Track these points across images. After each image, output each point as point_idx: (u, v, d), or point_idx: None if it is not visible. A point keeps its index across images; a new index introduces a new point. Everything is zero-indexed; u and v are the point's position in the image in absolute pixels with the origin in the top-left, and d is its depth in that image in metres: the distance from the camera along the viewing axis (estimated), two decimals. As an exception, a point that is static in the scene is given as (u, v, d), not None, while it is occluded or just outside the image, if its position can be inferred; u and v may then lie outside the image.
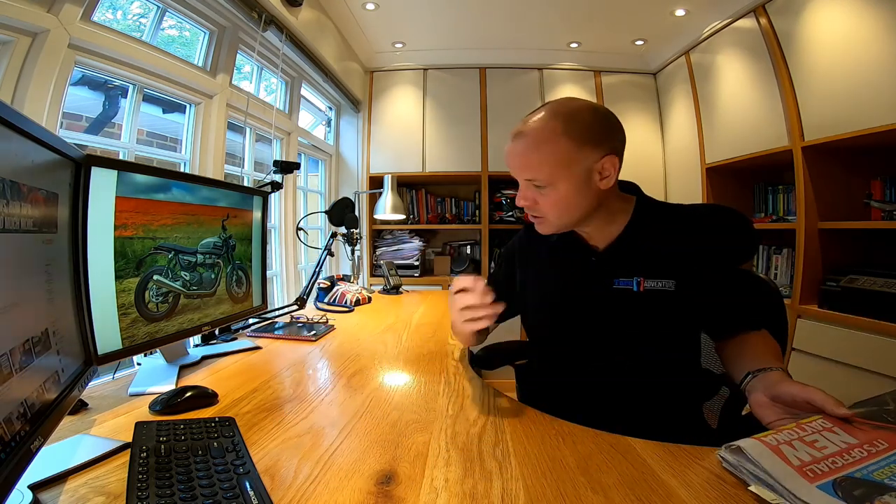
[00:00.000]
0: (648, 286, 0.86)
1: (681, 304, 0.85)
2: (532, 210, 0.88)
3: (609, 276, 0.89)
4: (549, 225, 0.89)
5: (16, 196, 0.50)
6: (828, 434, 0.58)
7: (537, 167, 0.82)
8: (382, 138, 3.39)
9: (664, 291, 0.85)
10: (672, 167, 3.26)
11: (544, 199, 0.85)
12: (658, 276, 0.86)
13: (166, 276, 0.98)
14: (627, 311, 0.88)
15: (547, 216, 0.87)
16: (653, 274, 0.86)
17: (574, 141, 0.80)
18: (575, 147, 0.80)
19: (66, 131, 1.47)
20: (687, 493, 0.55)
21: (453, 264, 3.47)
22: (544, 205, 0.86)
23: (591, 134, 0.81)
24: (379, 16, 2.81)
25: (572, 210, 0.85)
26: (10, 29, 1.17)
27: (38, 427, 0.51)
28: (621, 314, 0.88)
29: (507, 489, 0.57)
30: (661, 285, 0.85)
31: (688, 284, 0.85)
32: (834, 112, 1.92)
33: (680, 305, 0.85)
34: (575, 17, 2.82)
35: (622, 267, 0.88)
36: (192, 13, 1.83)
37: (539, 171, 0.82)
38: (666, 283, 0.85)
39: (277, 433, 0.73)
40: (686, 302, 0.85)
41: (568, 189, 0.82)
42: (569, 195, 0.83)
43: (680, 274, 0.85)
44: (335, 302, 2.02)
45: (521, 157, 0.83)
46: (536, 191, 0.85)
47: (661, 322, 0.86)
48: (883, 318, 1.70)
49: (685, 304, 0.85)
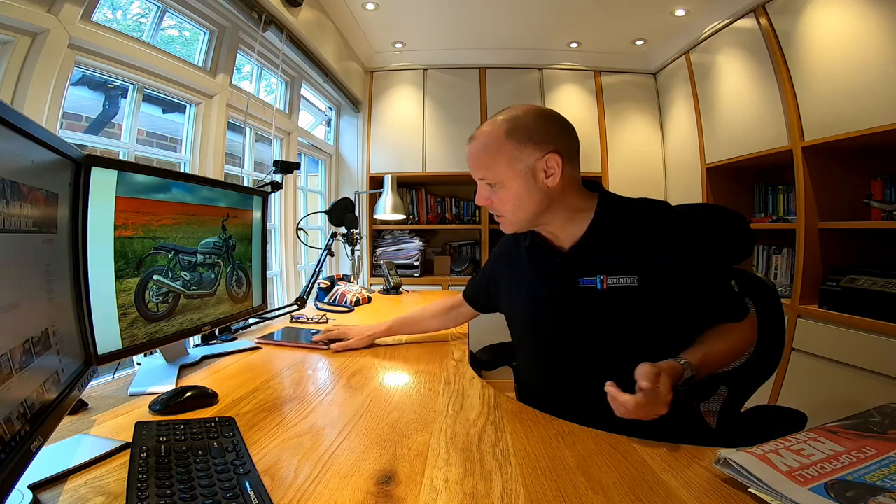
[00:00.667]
0: (611, 283, 0.87)
1: (644, 299, 0.86)
2: (490, 208, 0.94)
3: (574, 275, 0.91)
4: (507, 223, 0.94)
5: (16, 196, 0.50)
6: (813, 443, 0.59)
7: (487, 166, 0.89)
8: (382, 138, 3.39)
9: (627, 288, 0.87)
10: (672, 167, 3.26)
11: (497, 197, 0.91)
12: (620, 272, 0.87)
13: (166, 276, 0.98)
14: (593, 309, 0.89)
15: (504, 214, 0.93)
16: (615, 271, 0.88)
17: (516, 141, 0.87)
18: (516, 147, 0.87)
19: (66, 131, 1.47)
20: (687, 493, 0.55)
21: (453, 264, 3.47)
22: (498, 202, 0.92)
23: (531, 134, 0.87)
24: (379, 16, 2.81)
25: (525, 206, 0.90)
26: (10, 29, 1.17)
27: (38, 427, 0.51)
28: (588, 313, 0.90)
29: (507, 489, 0.57)
30: (624, 281, 0.87)
31: (650, 279, 0.86)
32: (834, 112, 1.92)
33: (643, 301, 0.86)
34: (575, 17, 2.82)
35: (586, 266, 0.90)
36: (192, 13, 1.83)
37: (488, 170, 0.89)
38: (628, 280, 0.87)
39: (277, 433, 0.73)
40: (649, 297, 0.86)
41: (516, 186, 0.88)
42: (518, 192, 0.88)
43: (642, 269, 0.86)
44: (335, 302, 2.02)
45: (473, 159, 0.91)
46: (490, 190, 0.91)
47: (627, 318, 0.87)
48: (883, 318, 1.70)
49: (649, 299, 0.86)
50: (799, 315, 2.06)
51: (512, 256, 1.09)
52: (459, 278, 3.32)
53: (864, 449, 0.56)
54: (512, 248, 1.10)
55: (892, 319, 1.67)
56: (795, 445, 0.58)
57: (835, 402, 1.84)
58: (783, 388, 2.08)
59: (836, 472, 0.53)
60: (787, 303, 2.09)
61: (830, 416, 0.68)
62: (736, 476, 0.56)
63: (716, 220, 1.11)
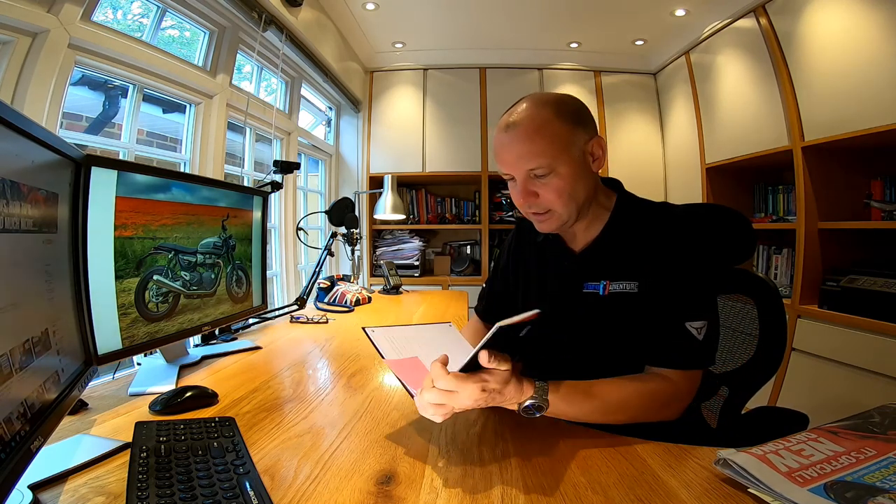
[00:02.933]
0: (613, 289, 0.84)
1: (642, 305, 0.81)
2: (534, 206, 0.83)
3: (580, 280, 0.88)
4: (555, 218, 0.84)
5: (16, 196, 0.50)
6: (813, 444, 0.59)
7: (539, 153, 0.79)
8: (382, 138, 3.39)
9: (627, 293, 0.83)
10: (672, 167, 3.26)
11: (546, 189, 0.81)
12: (622, 277, 0.84)
13: (166, 276, 0.98)
14: (594, 315, 0.86)
15: (553, 207, 0.82)
16: (617, 276, 0.84)
17: (567, 123, 0.80)
18: (569, 129, 0.80)
19: (66, 131, 1.47)
20: (687, 493, 0.55)
21: (453, 264, 3.47)
22: (547, 195, 0.81)
23: (578, 117, 0.82)
24: (379, 16, 2.81)
25: (578, 196, 0.82)
26: (10, 29, 1.17)
27: (38, 427, 0.51)
28: (589, 318, 0.87)
29: (507, 489, 0.57)
30: (624, 287, 0.83)
31: (650, 285, 0.81)
32: (834, 112, 1.92)
33: (641, 307, 0.81)
34: (575, 17, 2.82)
35: (592, 271, 0.87)
36: (192, 13, 1.83)
37: (541, 156, 0.79)
38: (629, 285, 0.83)
39: (277, 433, 0.73)
40: (647, 304, 0.81)
41: (569, 172, 0.80)
42: (571, 179, 0.80)
43: (643, 275, 0.82)
44: (335, 302, 2.02)
45: (522, 145, 0.79)
46: (537, 182, 0.81)
47: (625, 325, 0.83)
48: (883, 318, 1.70)
49: (646, 306, 0.81)
50: (799, 315, 2.06)
51: (518, 255, 1.05)
52: (459, 278, 3.32)
53: (864, 450, 0.56)
54: (518, 246, 1.06)
55: (892, 319, 1.67)
56: (795, 446, 0.58)
57: (835, 402, 1.83)
58: (783, 389, 2.08)
59: (836, 472, 0.53)
60: (787, 303, 2.09)
61: (830, 417, 0.68)
62: (736, 476, 0.56)
63: (718, 222, 1.10)
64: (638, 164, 3.30)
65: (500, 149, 0.83)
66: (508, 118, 0.82)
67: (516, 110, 0.82)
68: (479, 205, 3.39)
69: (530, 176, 0.81)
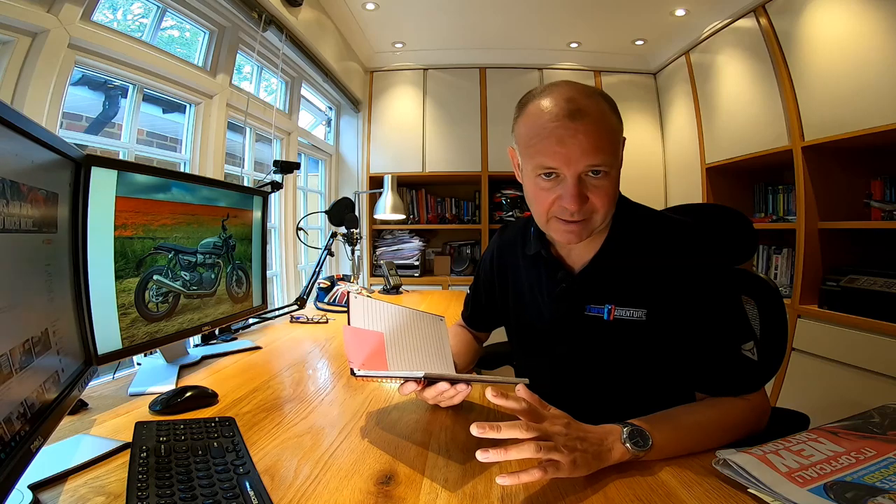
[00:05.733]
0: (619, 315, 0.78)
1: (651, 335, 0.77)
2: (582, 210, 0.71)
3: (582, 301, 0.81)
4: (589, 227, 0.74)
5: (16, 196, 0.50)
6: (813, 444, 0.59)
7: (604, 149, 0.69)
8: (382, 138, 3.39)
9: (634, 322, 0.77)
10: (672, 167, 3.26)
11: (598, 193, 0.71)
12: (629, 304, 0.78)
13: (166, 276, 0.98)
14: (598, 340, 0.81)
15: (596, 212, 0.72)
16: (624, 301, 0.78)
17: (617, 118, 0.73)
18: (620, 125, 0.73)
19: (66, 131, 1.47)
20: (687, 493, 0.55)
21: (453, 264, 3.47)
22: (596, 199, 0.71)
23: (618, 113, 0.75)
24: (379, 16, 2.81)
25: (615, 200, 0.75)
26: (10, 29, 1.17)
27: (38, 427, 0.51)
28: (592, 343, 0.82)
29: (507, 489, 0.57)
30: (631, 314, 0.78)
31: (659, 314, 0.76)
32: (834, 112, 1.92)
33: (650, 337, 0.77)
34: (575, 17, 2.82)
35: (594, 292, 0.81)
36: (192, 13, 1.83)
37: (606, 153, 0.69)
38: (636, 313, 0.77)
39: (277, 433, 0.73)
40: (657, 333, 0.77)
41: (617, 175, 0.73)
42: (617, 183, 0.73)
43: (652, 302, 0.77)
44: (335, 302, 2.02)
45: (588, 139, 0.68)
46: (588, 183, 0.70)
47: (632, 352, 0.79)
48: (883, 318, 1.70)
49: (656, 336, 0.77)
50: (799, 315, 2.06)
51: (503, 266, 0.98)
52: (459, 278, 3.32)
53: (864, 450, 0.56)
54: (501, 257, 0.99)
55: (892, 319, 1.67)
56: (795, 446, 0.58)
57: (835, 402, 1.83)
58: (783, 388, 2.08)
59: (836, 472, 0.53)
60: (787, 303, 2.08)
61: (830, 417, 0.68)
62: (735, 477, 0.56)
63: (719, 224, 1.09)
64: (638, 164, 3.29)
65: (568, 135, 0.68)
66: (568, 105, 0.69)
67: (575, 93, 0.70)
68: (479, 205, 3.39)
69: (585, 174, 0.70)
